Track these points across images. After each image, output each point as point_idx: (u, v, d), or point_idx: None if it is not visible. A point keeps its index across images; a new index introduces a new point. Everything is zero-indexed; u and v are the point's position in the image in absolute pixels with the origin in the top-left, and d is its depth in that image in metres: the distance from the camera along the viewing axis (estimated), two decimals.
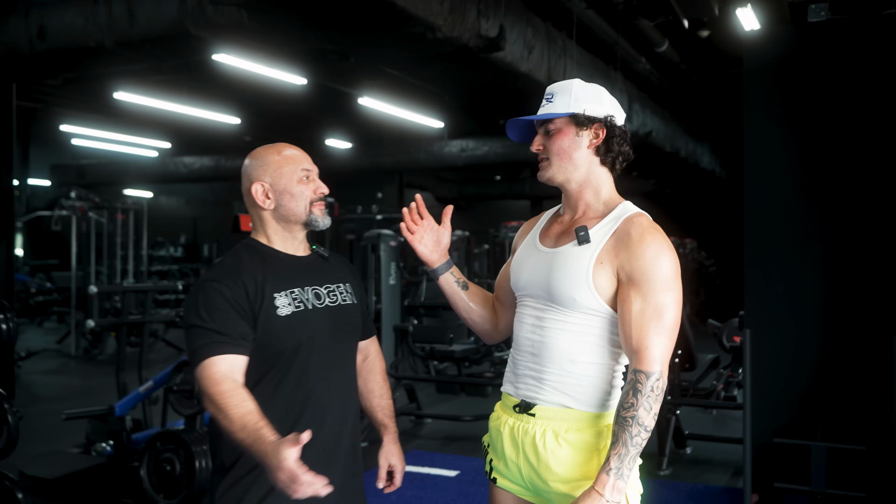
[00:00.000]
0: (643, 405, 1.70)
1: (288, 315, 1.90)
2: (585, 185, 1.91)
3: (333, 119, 13.32)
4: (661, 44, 8.83)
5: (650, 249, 1.77)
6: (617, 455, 1.70)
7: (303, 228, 2.01)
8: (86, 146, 16.09)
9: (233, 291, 1.84)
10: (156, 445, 4.18)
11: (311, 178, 2.00)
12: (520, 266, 1.98)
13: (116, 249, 12.07)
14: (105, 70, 7.90)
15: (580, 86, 1.90)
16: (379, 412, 2.20)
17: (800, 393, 4.36)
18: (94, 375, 9.13)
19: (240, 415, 1.71)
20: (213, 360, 1.79)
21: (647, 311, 1.74)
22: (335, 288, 2.04)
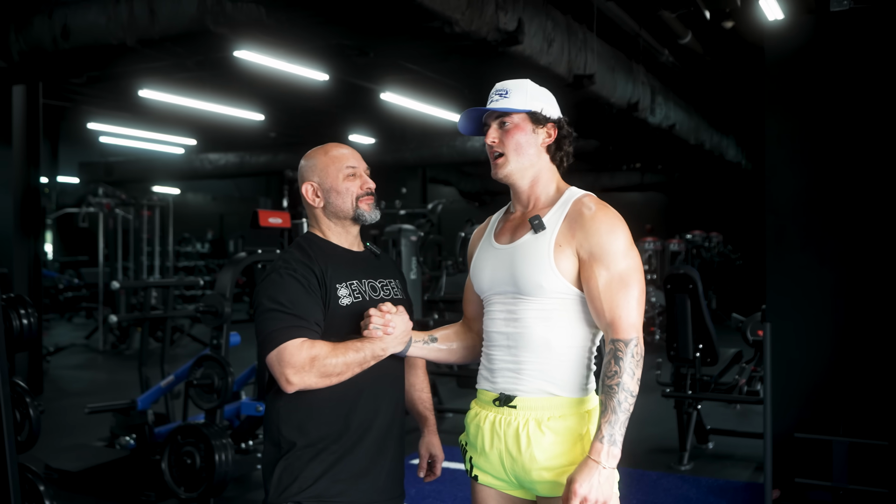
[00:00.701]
0: (626, 371, 1.77)
1: (348, 305, 2.00)
2: (536, 181, 1.98)
3: (356, 114, 13.35)
4: (685, 35, 8.73)
5: (604, 225, 1.85)
6: (608, 422, 1.75)
7: (353, 224, 2.11)
8: (113, 144, 16.29)
9: (307, 277, 1.96)
10: (176, 439, 4.23)
11: (358, 174, 2.09)
12: (480, 268, 2.02)
13: (143, 246, 12.21)
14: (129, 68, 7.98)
15: (534, 86, 1.98)
16: (420, 405, 2.27)
17: (821, 387, 4.31)
18: (121, 370, 9.25)
19: (341, 350, 1.89)
20: (292, 343, 1.87)
21: (613, 281, 1.82)
22: (387, 283, 2.13)
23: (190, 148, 17.00)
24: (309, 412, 1.98)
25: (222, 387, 4.22)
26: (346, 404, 1.98)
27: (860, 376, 4.21)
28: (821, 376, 4.32)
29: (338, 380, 1.91)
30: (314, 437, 1.97)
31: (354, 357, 1.91)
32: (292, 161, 14.96)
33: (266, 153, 16.35)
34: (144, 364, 5.26)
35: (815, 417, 4.28)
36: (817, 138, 4.42)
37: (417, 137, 14.68)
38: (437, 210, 11.49)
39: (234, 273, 4.37)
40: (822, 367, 4.32)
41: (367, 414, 2.01)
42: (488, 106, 1.96)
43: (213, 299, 4.31)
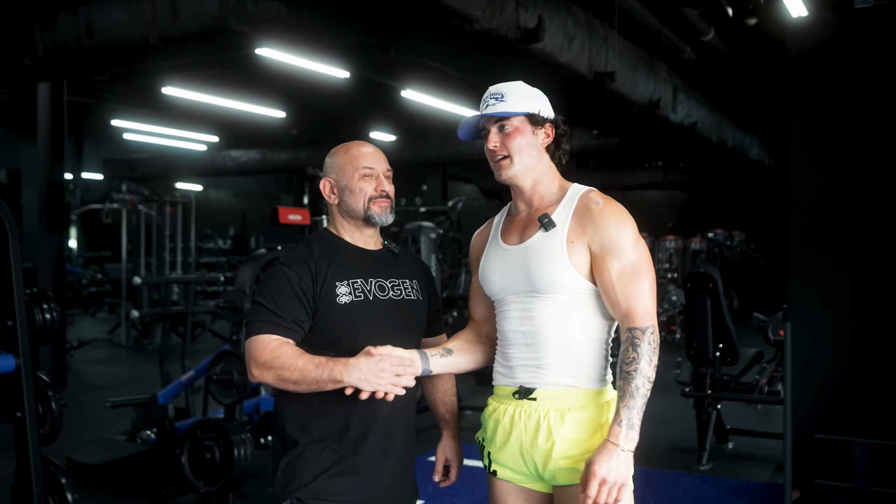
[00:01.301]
0: (644, 357, 1.81)
1: (347, 303, 2.00)
2: (539, 181, 2.00)
3: (377, 112, 13.38)
4: (707, 32, 8.67)
5: (613, 218, 1.89)
6: (626, 406, 1.79)
7: (365, 224, 2.11)
8: (137, 140, 16.45)
9: (299, 277, 1.98)
10: (196, 433, 4.27)
11: (375, 175, 2.09)
12: (490, 271, 2.03)
13: (165, 242, 12.32)
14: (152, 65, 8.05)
15: (527, 87, 2.00)
16: (441, 407, 2.26)
17: (842, 387, 4.26)
18: (143, 365, 9.34)
19: (303, 361, 1.88)
20: (263, 338, 1.92)
21: (626, 272, 1.86)
22: (400, 283, 2.12)
23: (212, 145, 17.13)
24: (311, 411, 2.00)
25: (242, 382, 4.25)
26: (346, 404, 1.97)
27: (881, 377, 4.16)
28: (841, 376, 4.28)
29: (295, 388, 1.88)
30: (316, 436, 2.00)
31: (312, 373, 1.87)
32: (314, 158, 15.02)
33: (288, 150, 16.43)
34: (165, 359, 5.31)
35: (836, 418, 4.24)
36: (840, 137, 4.37)
37: (438, 135, 14.69)
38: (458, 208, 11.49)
39: (255, 269, 4.40)
40: (843, 367, 4.28)
41: (368, 414, 2.01)
42: (484, 110, 1.97)
43: (233, 295, 4.35)
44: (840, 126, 4.38)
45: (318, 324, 2.00)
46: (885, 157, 4.23)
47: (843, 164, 4.36)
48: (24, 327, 3.07)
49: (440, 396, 2.25)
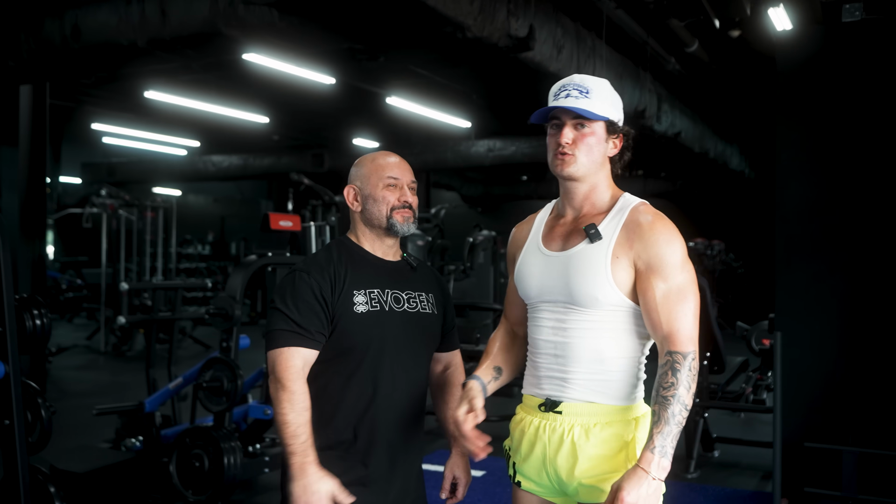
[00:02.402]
0: (683, 383, 1.74)
1: (363, 313, 2.00)
2: (595, 188, 1.92)
3: (361, 118, 13.37)
4: (692, 44, 8.74)
5: (662, 236, 1.82)
6: (660, 433, 1.72)
7: (386, 234, 2.10)
8: (116, 144, 16.30)
9: (320, 284, 1.99)
10: (185, 441, 4.22)
11: (399, 185, 2.08)
12: (527, 274, 1.95)
13: (146, 247, 12.20)
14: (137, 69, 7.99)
15: (611, 89, 1.91)
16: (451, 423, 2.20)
17: (830, 396, 4.30)
18: (123, 371, 9.24)
19: (298, 421, 1.91)
20: (290, 351, 1.95)
21: (671, 294, 1.79)
22: (416, 295, 2.11)
23: (193, 150, 17.01)
24: (321, 420, 2.00)
25: (231, 389, 4.21)
26: (355, 414, 2.00)
27: (870, 386, 4.20)
28: (829, 385, 4.31)
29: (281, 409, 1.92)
30: (324, 445, 1.99)
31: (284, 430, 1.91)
32: (296, 164, 14.96)
33: (270, 156, 16.36)
34: (152, 366, 5.25)
35: (824, 427, 4.28)
36: (828, 147, 4.42)
37: (422, 142, 14.69)
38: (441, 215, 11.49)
39: (245, 276, 4.37)
40: (831, 376, 4.31)
41: (377, 426, 2.01)
42: (564, 99, 1.85)
43: (223, 301, 4.31)
44: (827, 137, 4.43)
45: (334, 332, 2.01)
46: (871, 167, 4.28)
47: (830, 174, 4.41)
48: (13, 333, 3.02)
49: (451, 413, 2.19)
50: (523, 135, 14.02)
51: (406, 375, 2.06)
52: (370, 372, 2.02)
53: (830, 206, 4.40)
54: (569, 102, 1.84)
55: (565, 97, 1.85)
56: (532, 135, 14.00)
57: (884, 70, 4.29)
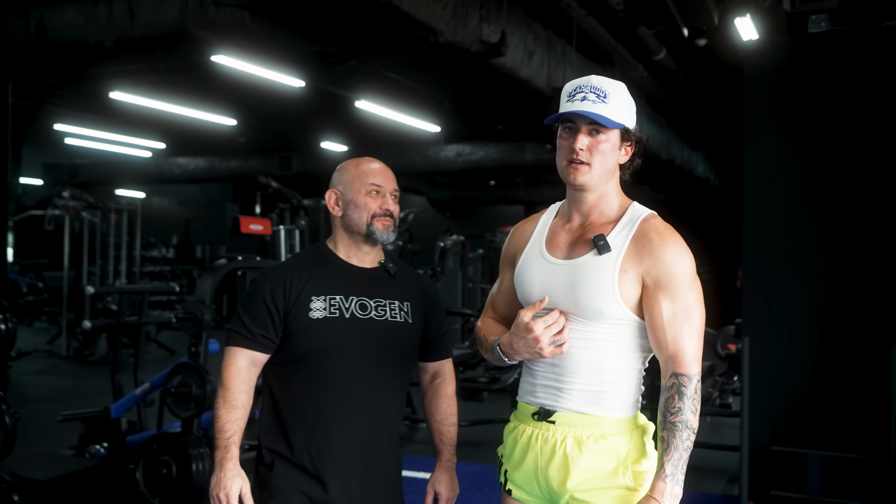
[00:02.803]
0: (689, 408, 1.71)
1: (319, 318, 1.99)
2: (604, 196, 1.86)
3: (330, 122, 13.30)
4: (659, 52, 8.85)
5: (672, 252, 1.77)
6: (670, 461, 1.69)
7: (365, 241, 2.08)
8: (79, 145, 16.03)
9: (273, 289, 2.01)
10: (152, 448, 4.16)
11: (382, 193, 2.07)
12: (529, 280, 1.88)
13: (109, 250, 12.01)
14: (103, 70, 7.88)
15: (628, 95, 1.84)
16: (435, 436, 2.20)
17: (796, 401, 4.37)
18: (86, 376, 9.08)
19: (226, 417, 1.96)
20: (234, 351, 2.01)
21: (678, 313, 1.74)
22: (387, 303, 2.07)
23: (158, 151, 16.80)
24: (278, 423, 2.03)
25: (200, 395, 4.16)
26: (308, 419, 1.99)
27: (835, 390, 4.28)
28: (796, 390, 4.38)
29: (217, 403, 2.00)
30: (278, 448, 2.01)
31: (215, 423, 1.98)
32: (263, 167, 14.84)
33: (236, 158, 16.22)
34: (118, 371, 5.16)
35: (790, 431, 4.34)
36: (795, 155, 4.50)
37: (391, 146, 14.67)
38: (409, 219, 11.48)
39: (215, 280, 4.32)
40: (798, 380, 4.38)
41: (328, 434, 1.99)
42: (580, 102, 1.77)
43: (192, 306, 4.26)
44: (794, 145, 4.50)
45: (290, 338, 2.00)
46: (838, 175, 4.36)
47: (797, 182, 4.49)
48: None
49: (436, 426, 2.19)
50: (492, 140, 14.07)
51: (366, 384, 2.03)
52: (324, 378, 2.00)
53: (797, 213, 4.47)
54: (585, 107, 1.76)
55: (581, 100, 1.77)
56: (501, 140, 14.06)
57: (849, 80, 4.38)
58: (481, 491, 4.80)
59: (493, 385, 7.11)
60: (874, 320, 4.20)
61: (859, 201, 4.30)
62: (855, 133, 4.34)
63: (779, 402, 4.39)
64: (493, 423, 6.27)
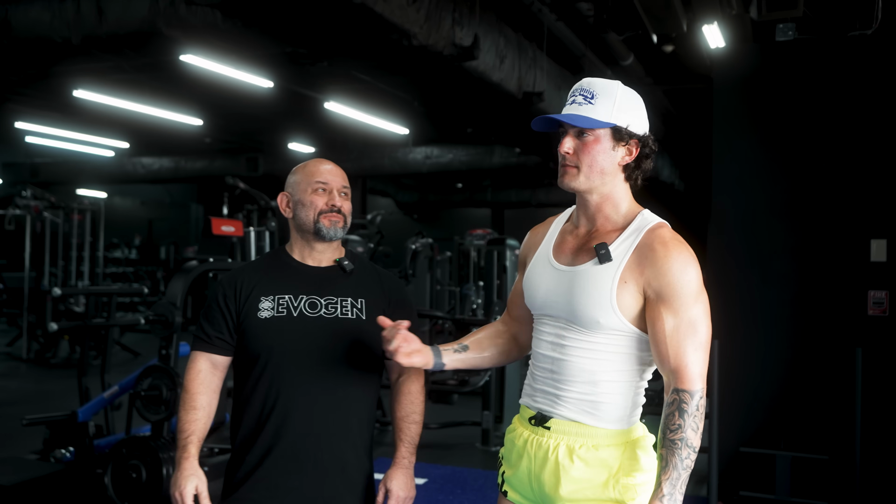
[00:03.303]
0: (690, 426, 1.64)
1: (267, 318, 2.04)
2: (607, 199, 1.81)
3: (298, 123, 13.23)
4: (627, 57, 8.94)
5: (676, 263, 1.69)
6: (669, 480, 1.63)
7: (315, 238, 2.10)
8: (40, 144, 15.73)
9: (225, 291, 2.09)
10: (121, 452, 4.09)
11: (328, 190, 2.09)
12: (534, 285, 1.87)
13: (72, 251, 11.81)
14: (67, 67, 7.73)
15: (624, 93, 1.77)
16: (397, 433, 2.16)
17: (765, 403, 4.45)
18: (47, 379, 8.91)
19: (185, 418, 2.04)
20: (195, 355, 2.10)
21: (682, 327, 1.67)
22: (339, 301, 2.07)
23: (122, 151, 16.55)
24: (235, 422, 2.11)
25: (171, 398, 4.10)
26: (261, 417, 2.03)
27: (803, 393, 4.36)
28: (764, 392, 4.46)
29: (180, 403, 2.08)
30: (235, 446, 2.09)
31: (177, 424, 2.07)
32: (230, 168, 14.71)
33: (202, 159, 16.05)
34: (85, 374, 5.07)
35: (759, 432, 4.42)
36: (763, 161, 4.58)
37: (359, 147, 14.64)
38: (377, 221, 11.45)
39: (186, 282, 4.27)
40: (766, 383, 4.46)
41: (279, 432, 2.01)
42: (569, 108, 1.76)
43: (163, 308, 4.20)
44: (763, 151, 4.59)
45: (242, 338, 2.06)
46: (805, 181, 4.45)
47: (766, 187, 4.57)
48: None
49: (398, 422, 2.15)
50: (461, 143, 14.10)
51: (317, 382, 2.03)
52: (272, 377, 2.02)
53: (765, 218, 4.56)
54: (571, 110, 1.75)
55: (571, 104, 1.77)
56: (470, 143, 14.09)
57: (817, 87, 4.47)
58: (453, 493, 4.81)
59: (462, 388, 7.13)
60: (840, 324, 4.29)
61: (827, 207, 4.40)
62: (823, 140, 4.43)
63: (748, 404, 4.47)
64: (464, 425, 6.28)
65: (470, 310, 8.62)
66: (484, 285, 8.46)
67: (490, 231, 11.83)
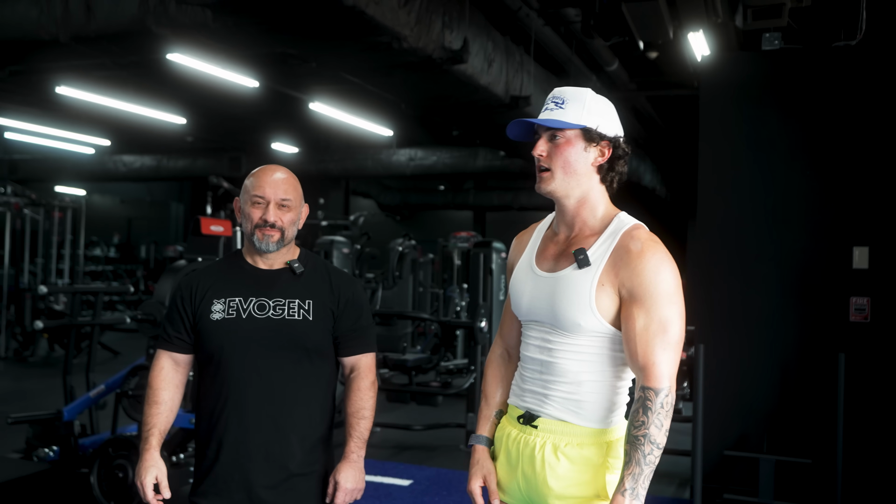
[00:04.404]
0: (654, 423, 1.68)
1: (218, 320, 2.13)
2: (583, 202, 1.86)
3: (281, 123, 13.17)
4: (612, 63, 9.02)
5: (650, 264, 1.74)
6: (631, 475, 1.67)
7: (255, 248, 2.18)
8: (19, 140, 15.55)
9: (182, 293, 2.20)
10: (108, 451, 4.08)
11: (263, 204, 2.14)
12: (519, 293, 1.93)
13: (52, 248, 11.69)
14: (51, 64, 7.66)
15: (593, 98, 1.84)
16: (347, 428, 2.22)
17: (749, 407, 4.50)
18: (26, 378, 8.82)
19: (148, 412, 2.15)
20: (159, 353, 2.21)
21: (652, 326, 1.71)
22: (286, 302, 2.15)
23: (102, 148, 16.39)
24: (198, 422, 2.20)
25: None
26: (214, 415, 2.13)
27: (786, 397, 4.42)
28: (747, 395, 4.52)
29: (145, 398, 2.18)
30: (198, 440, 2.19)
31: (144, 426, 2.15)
32: (212, 167, 14.63)
33: (185, 158, 15.94)
34: (69, 373, 5.03)
35: (742, 436, 4.47)
36: (748, 168, 4.64)
37: (342, 149, 14.61)
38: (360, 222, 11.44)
39: (175, 281, 4.26)
40: (749, 386, 4.52)
41: (227, 429, 2.11)
42: (542, 114, 1.83)
43: (151, 307, 4.19)
44: (747, 158, 4.65)
45: (197, 339, 2.17)
46: (789, 187, 4.52)
47: (749, 193, 4.63)
48: None
49: (349, 418, 2.21)
50: (446, 145, 14.12)
51: (265, 382, 2.11)
52: (224, 377, 2.12)
53: (749, 225, 4.62)
54: (544, 116, 1.82)
55: (543, 111, 1.84)
56: (454, 145, 14.11)
57: (801, 95, 4.54)
58: (438, 495, 4.82)
59: (446, 389, 7.15)
60: (823, 330, 4.36)
61: (810, 214, 4.46)
62: (806, 148, 4.50)
63: (732, 408, 4.52)
64: (448, 427, 6.29)
65: (454, 312, 8.65)
66: (469, 288, 8.49)
67: (473, 234, 11.85)
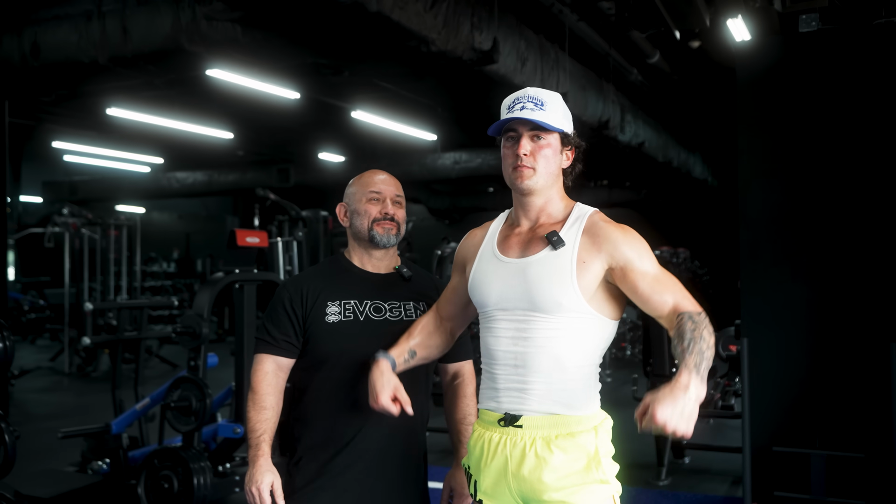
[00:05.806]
0: (706, 328, 1.73)
1: (334, 322, 2.11)
2: (550, 200, 1.95)
3: (326, 133, 13.33)
4: (653, 55, 8.86)
5: (626, 235, 1.86)
6: (692, 354, 1.66)
7: (371, 246, 2.18)
8: (78, 162, 16.06)
9: (291, 296, 2.15)
10: (153, 463, 4.16)
11: (382, 199, 2.18)
12: (486, 281, 1.93)
13: (110, 266, 12.03)
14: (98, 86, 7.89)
15: (563, 104, 1.96)
16: (455, 435, 2.26)
17: (798, 401, 4.36)
18: (88, 393, 9.08)
19: (256, 418, 2.09)
20: (261, 357, 2.15)
21: (660, 275, 1.84)
22: (401, 305, 2.17)
23: (156, 166, 16.83)
24: (307, 422, 2.14)
25: (200, 409, 4.16)
26: (329, 419, 2.09)
27: (836, 389, 4.27)
28: (797, 390, 4.37)
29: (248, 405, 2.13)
30: (306, 445, 2.13)
31: (247, 425, 2.12)
32: (261, 179, 14.86)
33: (235, 171, 16.24)
34: (119, 387, 5.16)
35: (792, 431, 4.33)
36: (789, 154, 4.50)
37: (388, 155, 14.69)
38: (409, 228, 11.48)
39: (213, 293, 4.33)
40: (798, 380, 4.37)
41: (349, 433, 2.08)
42: (520, 111, 1.88)
43: (190, 320, 4.26)
44: (789, 144, 4.51)
45: (309, 342, 2.12)
46: (831, 173, 4.36)
47: (792, 181, 4.48)
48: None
49: (455, 424, 2.25)
50: (489, 147, 14.07)
51: None
52: (341, 379, 2.09)
53: (792, 213, 4.47)
54: (525, 114, 1.86)
55: (520, 109, 1.88)
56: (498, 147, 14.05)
57: (840, 78, 4.38)
58: None
59: None
60: (873, 318, 4.20)
61: (854, 199, 4.30)
62: (848, 131, 4.34)
63: (780, 402, 4.38)
64: None
65: None
66: None
67: None
